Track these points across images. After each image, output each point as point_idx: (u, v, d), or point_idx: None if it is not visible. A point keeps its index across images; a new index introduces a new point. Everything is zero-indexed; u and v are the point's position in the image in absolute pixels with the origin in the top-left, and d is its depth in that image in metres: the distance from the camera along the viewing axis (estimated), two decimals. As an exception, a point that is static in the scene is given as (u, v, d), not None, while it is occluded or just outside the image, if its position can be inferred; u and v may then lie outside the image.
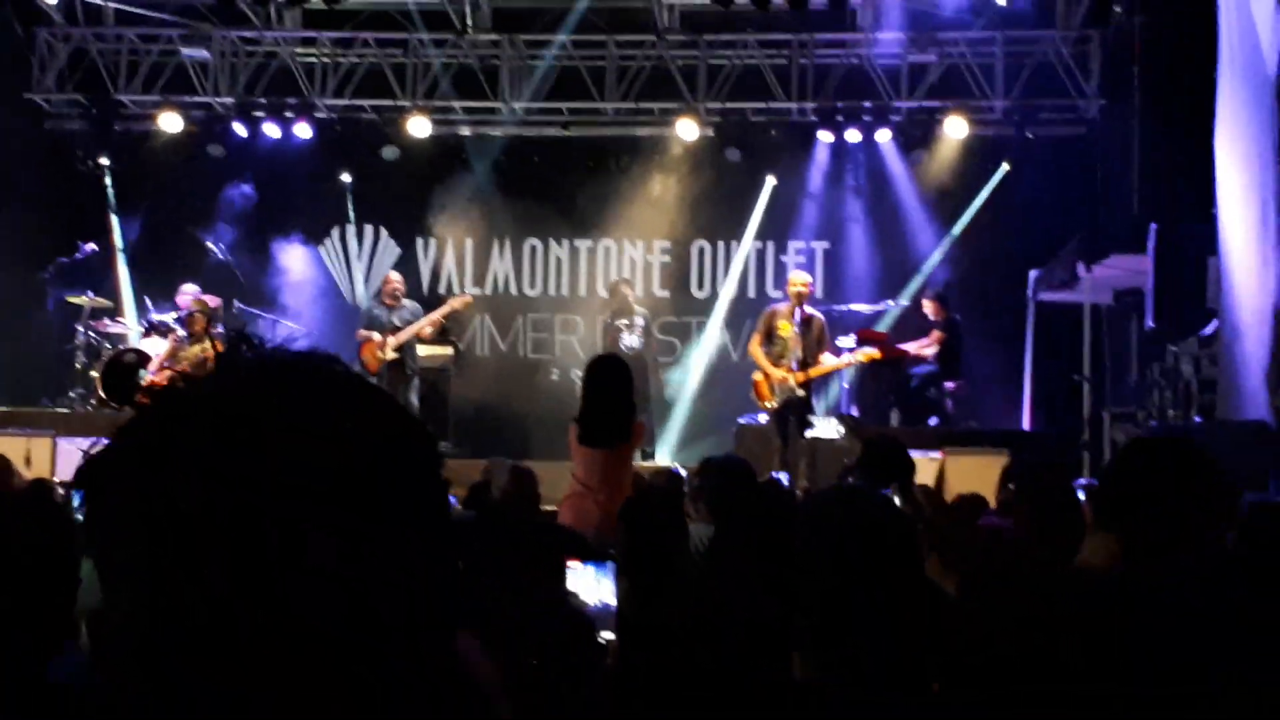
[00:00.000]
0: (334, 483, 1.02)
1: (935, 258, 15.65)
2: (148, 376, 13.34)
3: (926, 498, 3.88)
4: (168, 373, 13.13)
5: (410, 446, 1.10)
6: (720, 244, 16.78)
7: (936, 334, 14.44)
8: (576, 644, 3.50)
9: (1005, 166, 15.61)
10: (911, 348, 14.49)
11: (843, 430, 10.12)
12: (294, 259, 16.48)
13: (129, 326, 15.19)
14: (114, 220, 16.56)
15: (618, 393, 7.20)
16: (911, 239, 15.85)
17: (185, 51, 16.51)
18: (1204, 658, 2.38)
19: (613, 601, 4.33)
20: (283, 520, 1.00)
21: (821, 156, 16.13)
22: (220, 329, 14.52)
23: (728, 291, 16.58)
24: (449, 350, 15.27)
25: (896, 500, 3.64)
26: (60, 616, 4.16)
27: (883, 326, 14.92)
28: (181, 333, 13.68)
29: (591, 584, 4.52)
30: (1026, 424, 14.51)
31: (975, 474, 9.97)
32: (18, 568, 4.43)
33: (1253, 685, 2.37)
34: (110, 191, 16.57)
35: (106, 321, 14.93)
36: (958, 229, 15.68)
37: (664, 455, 15.01)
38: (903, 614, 2.28)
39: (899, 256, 15.85)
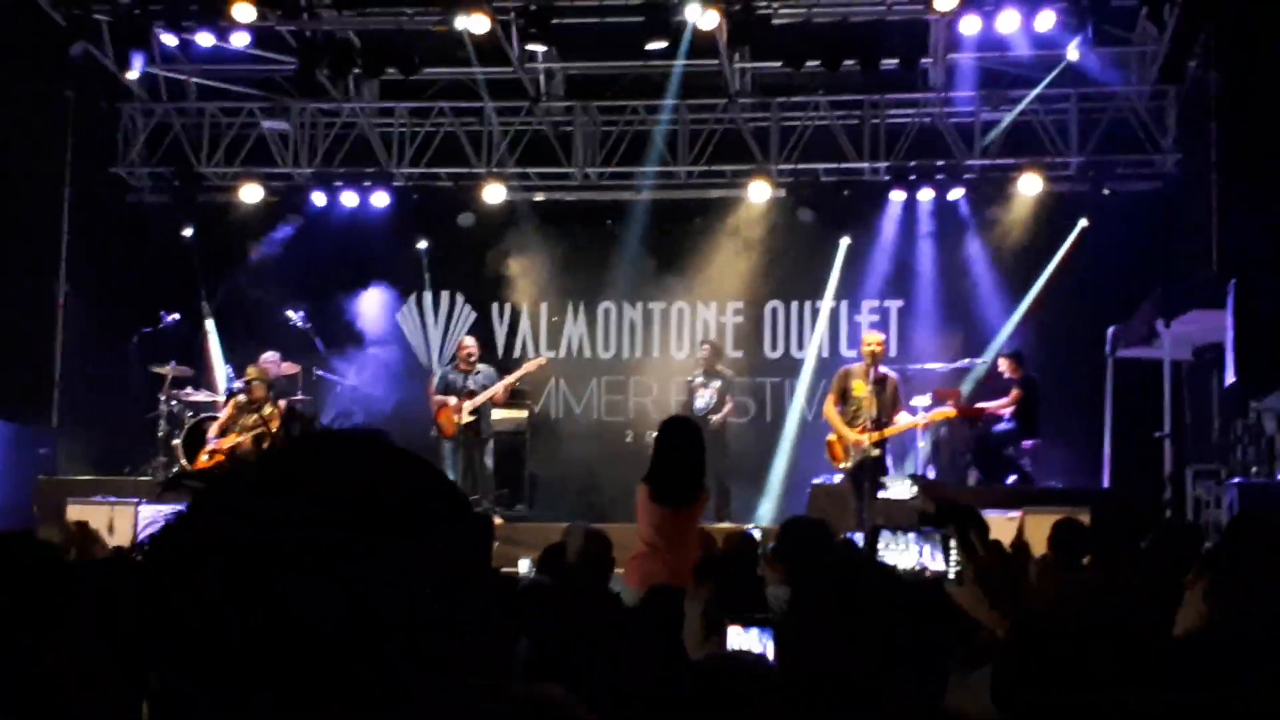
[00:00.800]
0: (351, 524, 1.07)
1: (1016, 316, 15.53)
2: (209, 443, 13.55)
3: (984, 545, 3.84)
4: (230, 439, 13.34)
5: (436, 503, 1.14)
6: (794, 304, 16.78)
7: (1014, 392, 14.33)
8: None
9: (1082, 222, 15.50)
10: (989, 406, 14.39)
11: (915, 490, 10.06)
12: (372, 325, 16.68)
13: (214, 393, 15.37)
14: (201, 290, 16.82)
15: (689, 453, 7.23)
16: (986, 297, 15.75)
17: (265, 124, 16.84)
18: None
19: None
20: (303, 553, 1.05)
21: (894, 215, 16.10)
22: (295, 395, 14.73)
23: (811, 351, 16.52)
24: (524, 414, 15.36)
25: (953, 546, 3.61)
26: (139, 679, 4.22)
27: (961, 386, 14.81)
28: (242, 398, 13.82)
29: (754, 645, 4.47)
30: (1107, 482, 14.32)
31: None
32: (100, 634, 4.51)
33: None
34: (196, 261, 16.85)
35: (189, 390, 15.15)
36: (1036, 287, 15.56)
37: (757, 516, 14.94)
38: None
39: (974, 314, 15.75)
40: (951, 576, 3.63)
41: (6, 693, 3.20)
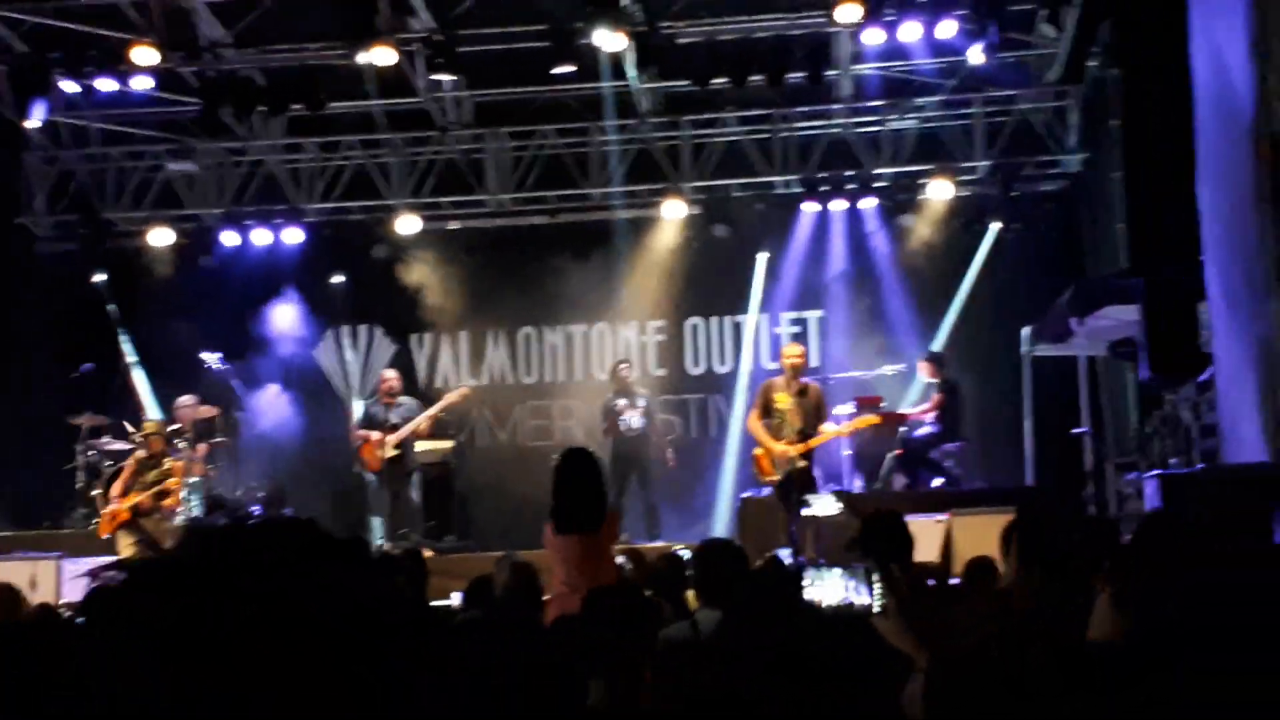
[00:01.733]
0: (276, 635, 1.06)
1: (948, 322, 15.66)
2: (111, 502, 13.26)
3: (906, 576, 3.89)
4: (131, 497, 13.08)
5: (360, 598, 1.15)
6: (714, 320, 16.84)
7: (936, 396, 14.45)
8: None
9: (996, 226, 15.69)
10: (910, 411, 14.51)
11: (840, 506, 10.11)
12: (289, 363, 16.54)
13: (132, 441, 15.08)
14: (119, 334, 16.55)
15: (587, 481, 7.28)
16: (903, 303, 15.88)
17: (171, 166, 16.66)
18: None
19: None
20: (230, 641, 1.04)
21: (808, 227, 16.20)
22: (214, 439, 14.54)
23: (744, 366, 16.56)
24: (448, 444, 15.26)
25: (876, 579, 3.64)
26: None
27: (880, 392, 14.90)
28: (142, 454, 13.51)
29: None
30: (1030, 480, 14.46)
31: (983, 534, 9.88)
32: (30, 695, 4.41)
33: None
34: (111, 308, 16.59)
35: (106, 439, 14.93)
36: (962, 293, 15.70)
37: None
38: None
39: (892, 321, 15.88)
40: (876, 610, 3.67)
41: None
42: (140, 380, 16.43)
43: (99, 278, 16.53)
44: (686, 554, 7.29)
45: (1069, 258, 15.15)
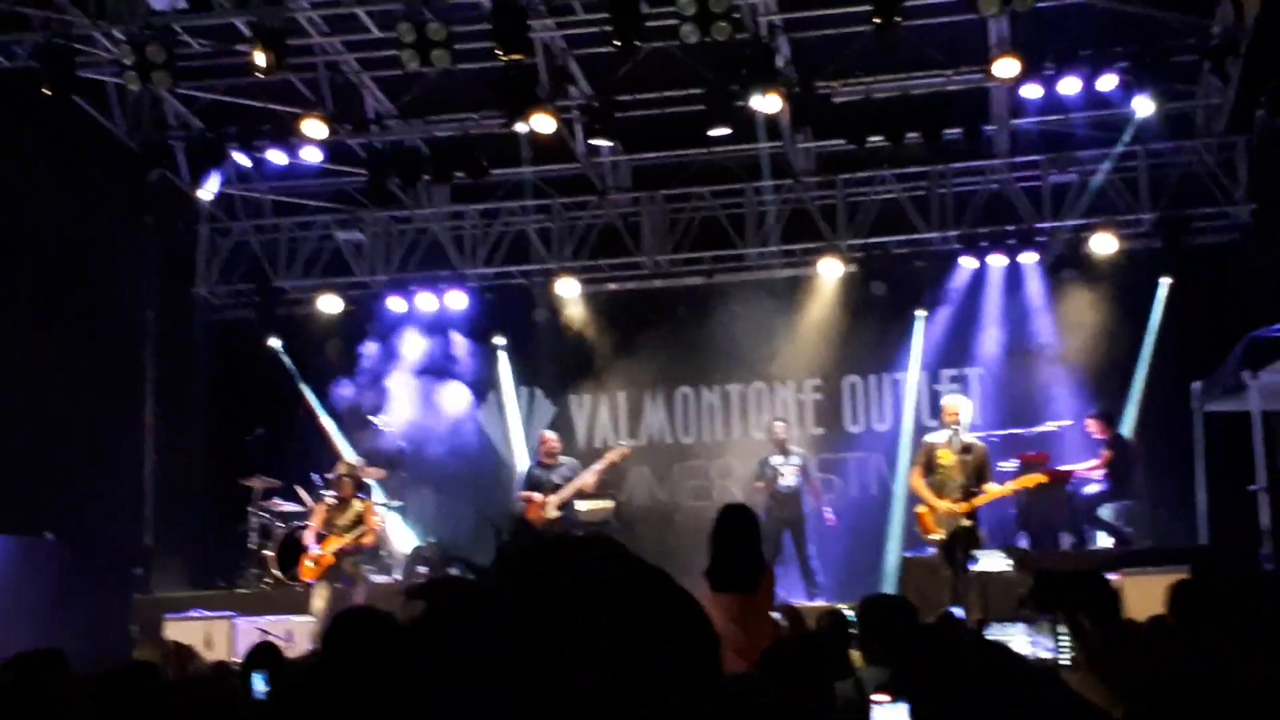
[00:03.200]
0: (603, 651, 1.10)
1: (1138, 386, 15.33)
2: (309, 550, 13.51)
3: (1098, 624, 3.81)
4: (332, 541, 13.35)
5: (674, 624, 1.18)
6: (871, 377, 16.72)
7: (1105, 453, 14.16)
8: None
9: (1167, 281, 15.35)
10: (1079, 468, 14.22)
11: (1010, 562, 9.92)
12: (454, 425, 16.81)
13: (306, 503, 15.40)
14: (302, 388, 17.00)
15: (745, 538, 7.23)
16: (1068, 358, 15.58)
17: (340, 235, 17.15)
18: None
19: None
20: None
21: (967, 284, 16.03)
22: (381, 501, 14.81)
23: (884, 425, 16.44)
24: (609, 504, 15.36)
25: (1061, 632, 3.59)
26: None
27: (1045, 449, 14.63)
28: (330, 500, 13.84)
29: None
30: (1204, 539, 14.05)
31: (1155, 594, 9.63)
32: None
33: None
34: (290, 365, 17.05)
35: (277, 501, 15.32)
36: (1146, 353, 15.34)
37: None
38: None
39: (1056, 377, 15.58)
40: (1065, 662, 3.61)
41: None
42: (329, 426, 16.77)
43: (274, 343, 16.99)
44: (850, 614, 7.20)
45: (1240, 311, 14.73)
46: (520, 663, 1.09)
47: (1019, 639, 3.78)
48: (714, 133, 14.43)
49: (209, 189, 15.97)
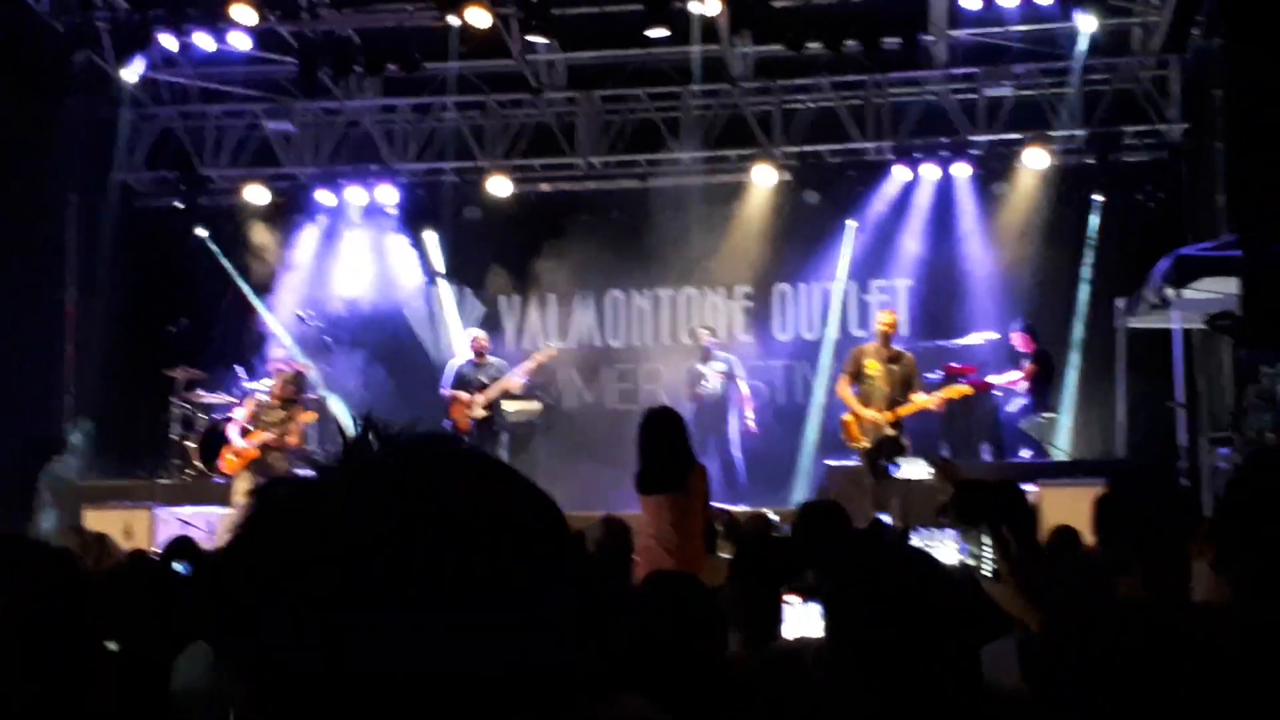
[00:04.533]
0: (456, 566, 1.02)
1: (1082, 305, 15.46)
2: (233, 443, 13.42)
3: (1019, 536, 3.86)
4: (257, 434, 13.26)
5: (534, 523, 1.11)
6: (802, 286, 16.75)
7: (1028, 366, 14.33)
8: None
9: (1099, 198, 15.44)
10: (1002, 380, 14.38)
11: (931, 470, 10.01)
12: (381, 321, 16.71)
13: (227, 395, 15.25)
14: (234, 274, 16.76)
15: (671, 441, 7.27)
16: (995, 272, 15.69)
17: (269, 124, 16.85)
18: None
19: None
20: (405, 603, 1.02)
21: (900, 194, 16.05)
22: (306, 394, 14.71)
23: (830, 333, 16.48)
24: (537, 405, 15.35)
25: (985, 542, 3.63)
26: (161, 682, 4.23)
27: (971, 361, 14.77)
28: (263, 396, 13.72)
29: (814, 619, 4.41)
30: (1121, 453, 14.30)
31: (1073, 505, 9.78)
32: (121, 639, 4.52)
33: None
34: (219, 254, 16.79)
35: (200, 392, 15.18)
36: (1087, 268, 15.45)
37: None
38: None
39: (983, 290, 15.69)
40: (987, 573, 3.66)
41: (29, 695, 3.21)
42: (260, 306, 16.62)
43: (201, 231, 16.72)
44: (775, 517, 7.27)
45: (1168, 228, 14.88)
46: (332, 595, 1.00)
47: (947, 546, 3.82)
48: (652, 33, 14.28)
49: (133, 71, 15.61)
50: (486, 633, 1.02)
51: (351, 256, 16.89)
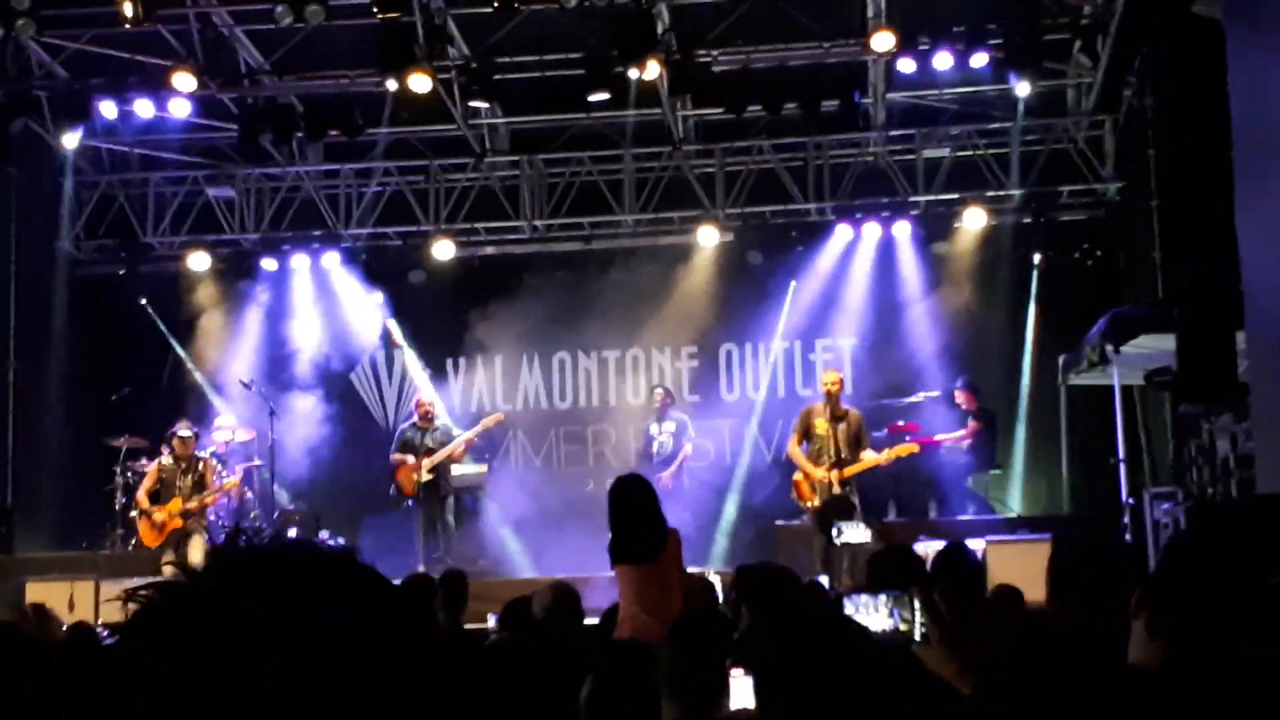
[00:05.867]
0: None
1: (1026, 363, 15.61)
2: (149, 514, 13.54)
3: (951, 598, 3.90)
4: (175, 503, 13.25)
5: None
6: (748, 345, 16.84)
7: (971, 424, 14.45)
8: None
9: (1037, 258, 15.68)
10: (947, 438, 14.49)
11: (872, 535, 10.07)
12: (327, 386, 16.66)
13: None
14: (175, 348, 16.83)
15: (643, 509, 7.24)
16: (938, 329, 15.83)
17: (211, 191, 16.80)
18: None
19: None
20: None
21: (842, 254, 16.20)
22: (251, 461, 14.61)
23: (761, 394, 16.60)
24: (483, 469, 15.31)
25: (915, 606, 3.67)
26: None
27: (916, 419, 14.88)
28: (165, 461, 13.73)
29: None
30: (1066, 509, 14.43)
31: (1017, 562, 9.87)
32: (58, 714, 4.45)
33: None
34: (160, 323, 16.78)
35: (143, 461, 15.03)
36: (1029, 328, 15.66)
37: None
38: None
39: (927, 348, 15.83)
40: (917, 638, 3.69)
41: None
42: (199, 379, 16.58)
43: (143, 301, 16.66)
44: (715, 578, 7.25)
45: (1106, 286, 15.10)
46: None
47: (881, 612, 3.83)
48: (593, 98, 14.38)
49: (73, 139, 15.55)
50: None
51: (297, 322, 16.84)
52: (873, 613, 3.83)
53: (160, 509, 13.39)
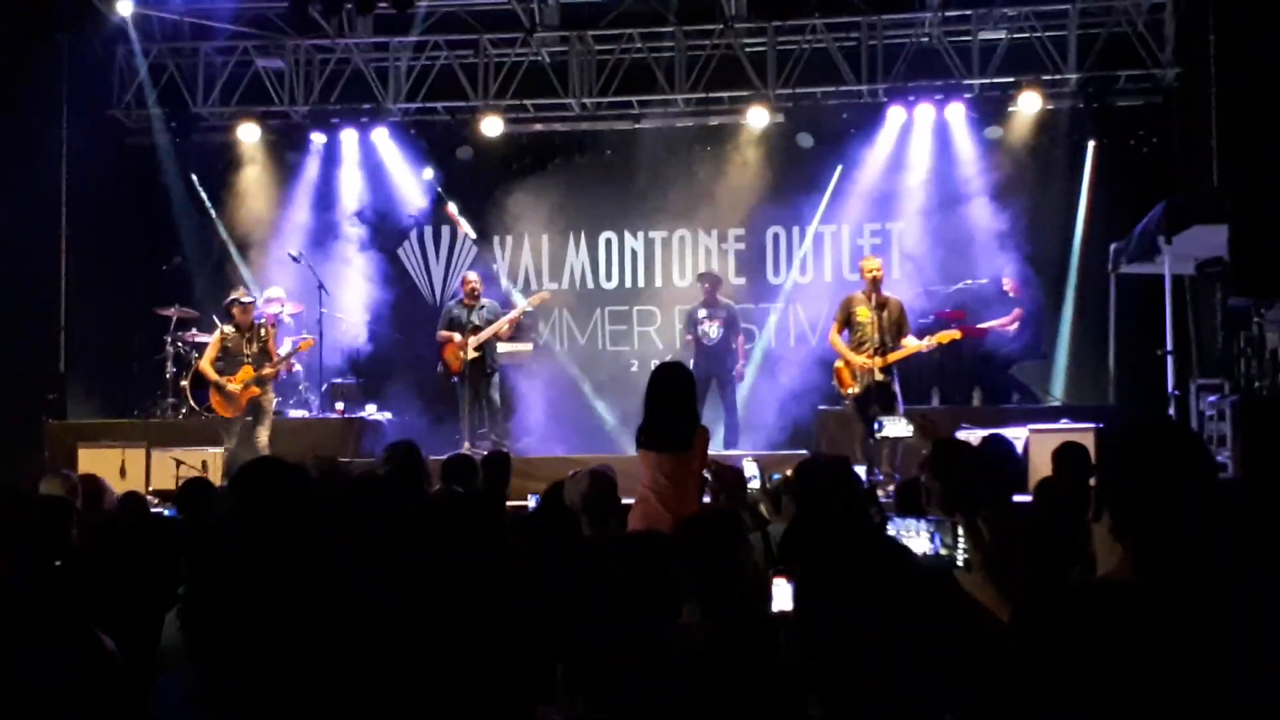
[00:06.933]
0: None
1: (1075, 248, 15.49)
2: (218, 384, 13.59)
3: (993, 526, 3.93)
4: (244, 372, 13.37)
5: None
6: (795, 229, 16.75)
7: (1017, 310, 14.38)
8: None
9: (1092, 144, 15.47)
10: (993, 325, 14.43)
11: (913, 429, 10.02)
12: (374, 262, 16.73)
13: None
14: (217, 220, 16.99)
15: (678, 399, 7.26)
16: (988, 216, 15.66)
17: (261, 62, 16.75)
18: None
19: None
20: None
21: (894, 137, 16.00)
22: (300, 334, 14.74)
23: (805, 277, 16.55)
24: (528, 347, 15.40)
25: (959, 532, 3.71)
26: (157, 624, 4.28)
27: (962, 306, 14.80)
28: (227, 329, 13.70)
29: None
30: (1112, 399, 14.39)
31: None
32: (119, 581, 4.57)
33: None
34: (206, 200, 16.90)
35: (194, 332, 15.19)
36: (1079, 217, 15.48)
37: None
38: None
39: (976, 234, 15.68)
40: (960, 564, 3.73)
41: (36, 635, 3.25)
42: (238, 263, 16.73)
43: (193, 176, 16.76)
44: (753, 470, 7.26)
45: (1160, 174, 14.88)
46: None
47: (922, 536, 3.88)
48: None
49: (126, 6, 15.52)
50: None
51: (346, 196, 16.89)
52: (914, 536, 3.88)
53: (232, 379, 13.47)
